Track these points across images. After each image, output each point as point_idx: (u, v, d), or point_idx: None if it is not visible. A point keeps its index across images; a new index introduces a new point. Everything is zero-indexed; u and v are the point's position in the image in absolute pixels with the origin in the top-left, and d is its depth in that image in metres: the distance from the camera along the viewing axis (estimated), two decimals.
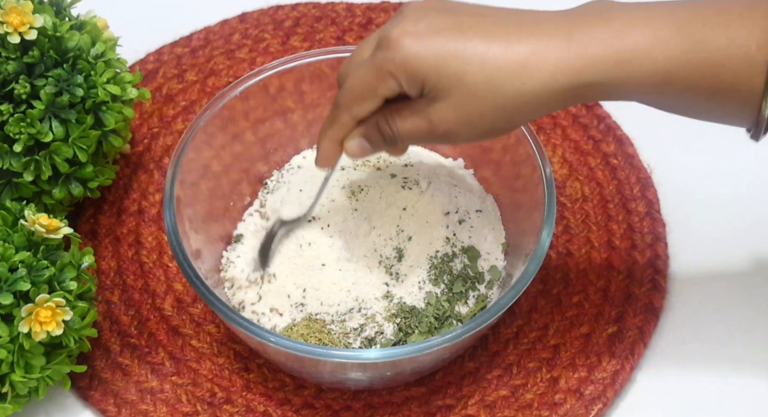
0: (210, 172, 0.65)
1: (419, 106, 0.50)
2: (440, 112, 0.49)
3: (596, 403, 0.62)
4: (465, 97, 0.48)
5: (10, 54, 0.61)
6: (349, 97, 0.52)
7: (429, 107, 0.50)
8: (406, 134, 0.52)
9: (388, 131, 0.52)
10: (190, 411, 0.62)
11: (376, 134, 0.53)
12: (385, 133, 0.52)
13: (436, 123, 0.50)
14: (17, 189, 0.64)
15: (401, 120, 0.51)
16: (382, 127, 0.52)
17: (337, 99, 0.53)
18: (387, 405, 0.63)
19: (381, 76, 0.50)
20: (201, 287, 0.56)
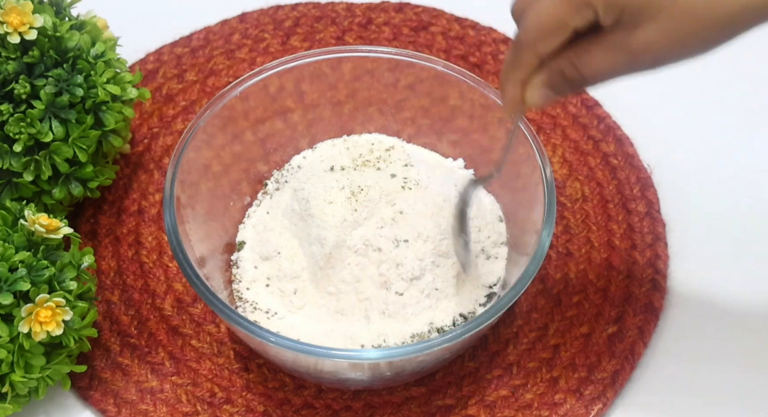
0: (210, 172, 0.65)
1: (615, 37, 0.46)
2: (645, 39, 0.45)
3: (596, 403, 0.62)
4: (679, 17, 0.44)
5: (10, 54, 0.61)
6: (534, 33, 0.47)
7: (629, 36, 0.45)
8: (600, 73, 0.47)
9: (576, 75, 0.48)
10: (190, 411, 0.62)
11: (560, 80, 0.49)
12: (572, 78, 0.48)
13: (639, 51, 0.46)
14: (17, 189, 0.64)
15: (593, 59, 0.47)
16: (569, 71, 0.48)
17: (519, 36, 0.48)
18: (387, 405, 0.63)
19: (576, 5, 0.45)
20: (201, 287, 0.56)
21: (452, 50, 0.79)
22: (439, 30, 0.80)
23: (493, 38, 0.79)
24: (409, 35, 0.80)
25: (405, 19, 0.81)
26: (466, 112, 0.66)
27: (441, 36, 0.80)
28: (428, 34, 0.80)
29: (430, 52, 0.78)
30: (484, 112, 0.64)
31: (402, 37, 0.80)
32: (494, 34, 0.80)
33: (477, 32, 0.80)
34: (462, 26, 0.80)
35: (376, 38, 0.80)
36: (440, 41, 0.79)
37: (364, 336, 0.60)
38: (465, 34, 0.80)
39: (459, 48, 0.79)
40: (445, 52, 0.79)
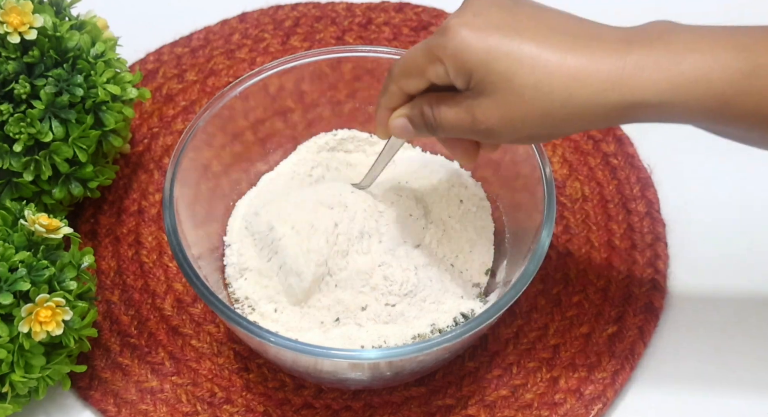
0: (210, 172, 0.65)
1: (464, 98, 0.50)
2: (484, 108, 0.49)
3: (596, 403, 0.62)
4: (511, 98, 0.48)
5: (10, 54, 0.61)
6: (399, 70, 0.53)
7: (473, 101, 0.49)
8: (448, 124, 0.52)
9: (430, 117, 0.52)
10: (190, 411, 0.62)
11: (419, 117, 0.53)
12: (427, 119, 0.53)
13: (478, 118, 0.50)
14: (17, 189, 0.64)
15: (445, 108, 0.51)
16: (426, 112, 0.52)
17: (390, 68, 0.54)
18: (387, 405, 0.63)
19: (431, 58, 0.50)
20: (201, 287, 0.56)
21: None
22: None
23: None
24: (409, 35, 0.80)
25: (405, 19, 0.81)
26: None
27: None
28: (428, 34, 0.80)
29: None
30: None
31: (402, 37, 0.80)
32: None
33: None
34: None
35: (376, 38, 0.80)
36: None
37: (363, 337, 0.60)
38: None
39: None
40: None
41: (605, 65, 0.47)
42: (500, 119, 0.49)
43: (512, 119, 0.49)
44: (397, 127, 0.55)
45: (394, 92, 0.54)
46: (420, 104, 0.53)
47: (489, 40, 0.48)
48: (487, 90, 0.48)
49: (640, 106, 0.47)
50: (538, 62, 0.47)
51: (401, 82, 0.53)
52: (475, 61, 0.48)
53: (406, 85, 0.53)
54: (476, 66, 0.48)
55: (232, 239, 0.65)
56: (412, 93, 0.53)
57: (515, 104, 0.48)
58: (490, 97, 0.49)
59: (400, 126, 0.55)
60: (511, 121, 0.49)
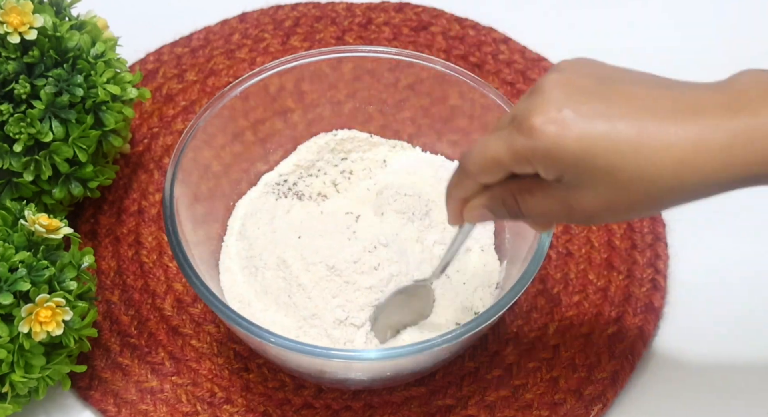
0: (210, 172, 0.65)
1: (556, 190, 0.46)
2: (582, 200, 0.46)
3: (596, 403, 0.62)
4: (614, 190, 0.45)
5: (10, 54, 0.61)
6: (476, 167, 0.48)
7: (568, 193, 0.46)
8: (538, 214, 0.48)
9: (515, 208, 0.49)
10: (190, 411, 0.62)
11: (500, 207, 0.50)
12: (510, 209, 0.49)
13: (575, 208, 0.46)
14: (17, 189, 0.64)
15: (532, 200, 0.48)
16: (509, 203, 0.49)
17: (465, 163, 0.49)
18: (387, 405, 0.63)
19: (517, 159, 0.46)
20: (201, 287, 0.56)
21: (452, 50, 0.79)
22: (439, 30, 0.80)
23: (493, 38, 0.79)
24: (409, 35, 0.80)
25: (405, 19, 0.81)
26: (466, 112, 0.66)
27: (441, 36, 0.80)
28: (428, 34, 0.80)
29: (430, 52, 0.78)
30: (484, 112, 0.64)
31: (402, 37, 0.80)
32: (494, 34, 0.80)
33: (477, 32, 0.80)
34: (462, 26, 0.80)
35: (376, 38, 0.80)
36: (440, 41, 0.79)
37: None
38: (465, 34, 0.80)
39: (459, 48, 0.79)
40: (445, 52, 0.79)
41: (714, 143, 0.43)
42: (603, 208, 0.46)
43: (617, 207, 0.46)
44: (475, 219, 0.52)
45: (469, 186, 0.50)
46: (501, 194, 0.49)
47: (583, 136, 0.44)
48: (587, 184, 0.45)
49: (757, 179, 0.45)
50: (641, 152, 0.43)
51: (481, 178, 0.49)
52: (571, 160, 0.44)
53: (487, 179, 0.49)
54: (572, 165, 0.44)
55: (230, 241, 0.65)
56: (491, 185, 0.49)
57: (619, 195, 0.45)
58: (590, 190, 0.45)
59: (478, 217, 0.51)
60: (615, 209, 0.46)
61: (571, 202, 0.46)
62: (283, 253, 0.62)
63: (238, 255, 0.64)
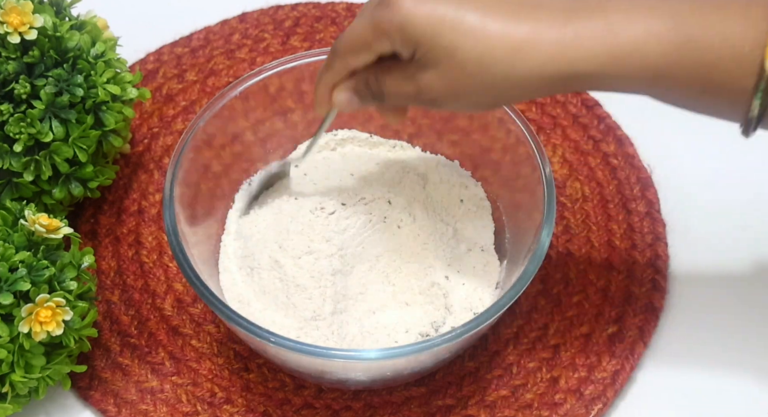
0: (210, 172, 0.65)
1: (409, 69, 0.51)
2: (428, 80, 0.50)
3: (596, 403, 0.62)
4: (454, 70, 0.49)
5: (10, 54, 0.61)
6: (345, 47, 0.53)
7: (418, 72, 0.50)
8: (394, 94, 0.53)
9: (376, 87, 0.53)
10: (190, 411, 0.62)
11: (364, 89, 0.54)
12: (373, 89, 0.53)
13: (423, 89, 0.51)
14: (17, 189, 0.64)
15: (390, 79, 0.52)
16: (371, 82, 0.53)
17: (334, 45, 0.54)
18: (387, 405, 0.63)
19: (376, 33, 0.50)
20: (200, 287, 0.56)
21: None
22: None
23: None
24: None
25: None
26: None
27: None
28: None
29: None
30: (484, 113, 0.64)
31: None
32: None
33: None
34: None
35: None
36: None
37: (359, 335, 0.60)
38: None
39: None
40: None
41: (545, 37, 0.47)
42: (445, 90, 0.50)
43: (456, 90, 0.50)
44: (343, 101, 0.55)
45: (339, 69, 0.54)
46: (365, 76, 0.53)
47: (434, 13, 0.48)
48: (432, 62, 0.49)
49: (580, 77, 0.48)
50: (482, 35, 0.48)
51: (348, 58, 0.53)
52: (421, 34, 0.49)
53: (354, 60, 0.53)
54: (421, 39, 0.49)
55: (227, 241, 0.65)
56: (359, 68, 0.54)
57: (459, 76, 0.49)
58: (434, 69, 0.49)
59: (345, 99, 0.55)
60: (455, 92, 0.50)
61: (420, 82, 0.50)
62: (274, 253, 0.62)
63: (235, 254, 0.64)
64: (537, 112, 0.75)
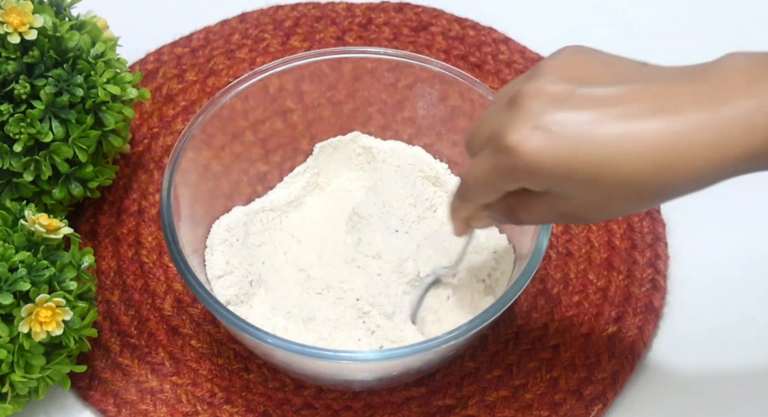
0: (210, 172, 0.65)
1: (546, 200, 0.47)
2: (571, 207, 0.46)
3: (596, 403, 0.62)
4: (599, 197, 0.45)
5: (10, 54, 0.61)
6: (472, 193, 0.50)
7: (558, 202, 0.47)
8: (534, 220, 0.50)
9: (513, 219, 0.50)
10: (190, 411, 0.62)
11: (502, 218, 0.51)
12: (511, 219, 0.51)
13: (567, 214, 0.47)
14: (17, 189, 0.64)
15: (527, 212, 0.49)
16: (508, 215, 0.50)
17: (462, 191, 0.51)
18: (387, 405, 0.63)
19: (503, 179, 0.46)
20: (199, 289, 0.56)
21: (452, 50, 0.79)
22: (439, 30, 0.80)
23: (493, 38, 0.79)
24: (409, 35, 0.80)
25: (405, 19, 0.81)
26: (466, 112, 0.66)
27: (441, 36, 0.80)
28: (428, 34, 0.80)
29: (430, 52, 0.78)
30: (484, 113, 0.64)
31: (402, 37, 0.80)
32: (494, 34, 0.80)
33: (477, 32, 0.80)
34: (462, 26, 0.80)
35: (376, 38, 0.80)
36: (440, 41, 0.79)
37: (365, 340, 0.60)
38: (465, 34, 0.80)
39: (459, 48, 0.79)
40: (445, 52, 0.79)
41: (695, 141, 0.42)
42: (593, 212, 0.47)
43: (605, 210, 0.46)
44: (484, 225, 0.55)
45: (471, 208, 0.52)
46: (501, 209, 0.50)
47: (559, 153, 0.43)
48: (572, 194, 0.45)
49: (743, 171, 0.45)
50: (619, 160, 0.43)
51: (477, 200, 0.50)
52: (552, 176, 0.44)
53: (484, 199, 0.50)
54: (554, 180, 0.45)
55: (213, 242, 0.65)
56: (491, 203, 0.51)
57: (605, 201, 0.45)
58: (576, 199, 0.46)
59: (486, 224, 0.55)
60: (604, 212, 0.47)
61: (563, 210, 0.47)
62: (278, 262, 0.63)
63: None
64: None
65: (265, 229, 0.65)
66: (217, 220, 0.65)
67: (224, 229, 0.64)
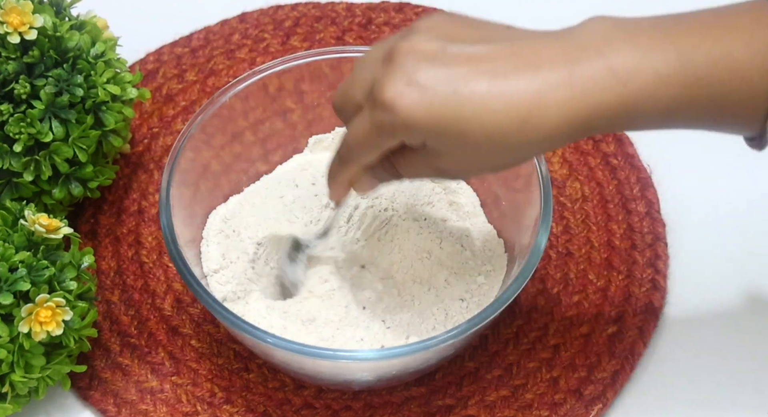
0: (209, 172, 0.65)
1: (423, 156, 0.49)
2: (444, 163, 0.49)
3: (596, 403, 0.62)
4: (467, 153, 0.47)
5: (10, 54, 0.61)
6: (353, 152, 0.51)
7: (433, 158, 0.49)
8: (413, 176, 0.52)
9: (395, 173, 0.52)
10: (190, 411, 0.62)
11: (383, 174, 0.53)
12: (392, 174, 0.52)
13: (442, 169, 0.50)
14: (17, 189, 0.64)
15: (406, 166, 0.51)
16: (390, 171, 0.52)
17: (341, 151, 0.53)
18: (387, 405, 0.63)
19: (381, 135, 0.48)
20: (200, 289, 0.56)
21: None
22: None
23: None
24: None
25: (405, 19, 0.81)
26: None
27: None
28: None
29: None
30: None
31: None
32: None
33: None
34: None
35: (376, 38, 0.80)
36: None
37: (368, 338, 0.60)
38: None
39: None
40: None
41: (553, 98, 0.45)
42: (464, 169, 0.50)
43: (474, 167, 0.49)
44: (366, 190, 0.55)
45: (353, 169, 0.53)
46: (383, 166, 0.52)
47: (431, 108, 0.46)
48: (444, 150, 0.48)
49: (594, 128, 0.47)
50: (486, 115, 0.45)
51: (360, 158, 0.51)
52: (425, 131, 0.47)
53: (365, 159, 0.51)
54: (427, 135, 0.47)
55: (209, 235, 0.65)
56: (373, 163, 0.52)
57: (474, 157, 0.48)
58: (448, 155, 0.48)
59: (366, 186, 0.54)
60: (473, 168, 0.50)
61: (437, 165, 0.49)
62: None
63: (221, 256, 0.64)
64: None
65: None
66: (213, 211, 0.65)
67: (220, 220, 0.64)
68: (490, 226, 0.66)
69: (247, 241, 0.63)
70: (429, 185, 0.66)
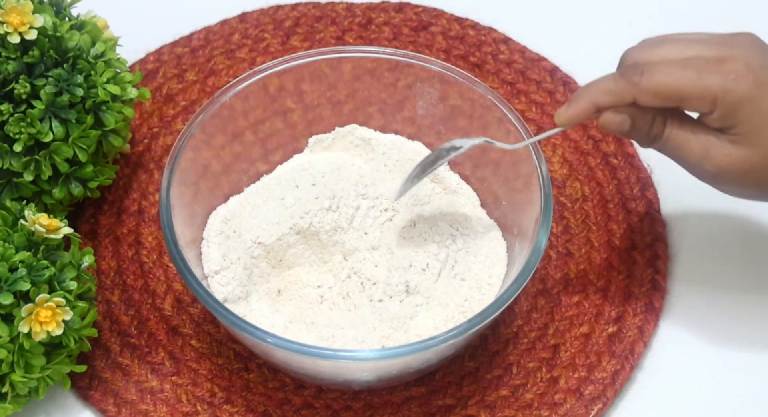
0: (209, 172, 0.65)
1: (704, 131, 0.47)
2: (721, 150, 0.47)
3: (596, 403, 0.62)
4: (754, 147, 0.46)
5: (10, 54, 0.61)
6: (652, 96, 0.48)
7: (714, 139, 0.47)
8: (673, 147, 0.48)
9: (659, 132, 0.49)
10: (190, 411, 0.62)
11: (644, 126, 0.49)
12: (653, 132, 0.49)
13: (710, 156, 0.47)
14: (17, 189, 0.64)
15: (679, 131, 0.48)
16: (657, 125, 0.48)
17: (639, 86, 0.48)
18: (387, 405, 0.63)
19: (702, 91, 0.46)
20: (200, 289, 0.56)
21: (452, 50, 0.79)
22: (439, 30, 0.80)
23: (493, 38, 0.79)
24: (409, 35, 0.80)
25: (405, 19, 0.81)
26: (466, 112, 0.66)
27: (441, 36, 0.80)
28: (428, 34, 0.80)
29: (430, 52, 0.78)
30: (484, 112, 0.64)
31: (402, 37, 0.80)
32: (494, 34, 0.80)
33: (477, 32, 0.80)
34: (462, 26, 0.80)
35: (376, 38, 0.80)
36: (440, 41, 0.79)
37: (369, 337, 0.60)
38: (465, 34, 0.80)
39: (459, 48, 0.79)
40: (445, 52, 0.79)
41: None
42: (737, 167, 0.47)
43: (748, 169, 0.47)
44: (615, 121, 0.49)
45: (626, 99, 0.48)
46: (653, 114, 0.48)
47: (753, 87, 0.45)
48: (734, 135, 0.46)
49: None
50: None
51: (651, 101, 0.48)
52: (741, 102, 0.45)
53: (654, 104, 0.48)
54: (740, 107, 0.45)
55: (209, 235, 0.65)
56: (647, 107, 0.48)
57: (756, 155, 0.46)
58: (732, 143, 0.46)
59: (618, 121, 0.49)
60: (746, 171, 0.47)
61: (710, 149, 0.47)
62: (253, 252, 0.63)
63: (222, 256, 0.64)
64: (537, 113, 0.75)
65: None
66: (213, 211, 0.65)
67: (221, 221, 0.64)
68: (491, 226, 0.66)
69: (249, 242, 0.63)
70: (429, 185, 0.66)
